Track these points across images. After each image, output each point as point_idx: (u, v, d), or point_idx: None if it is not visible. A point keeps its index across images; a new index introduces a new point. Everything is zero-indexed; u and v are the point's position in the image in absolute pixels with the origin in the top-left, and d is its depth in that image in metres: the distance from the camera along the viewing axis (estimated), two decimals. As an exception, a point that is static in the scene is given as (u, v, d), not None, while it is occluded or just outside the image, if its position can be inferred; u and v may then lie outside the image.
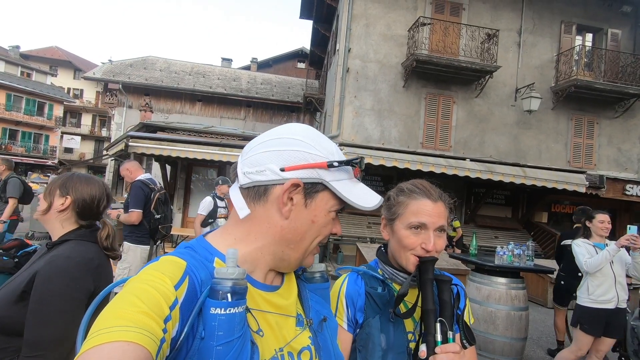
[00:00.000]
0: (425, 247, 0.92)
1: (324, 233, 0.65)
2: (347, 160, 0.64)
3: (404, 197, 0.97)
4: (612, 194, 8.69)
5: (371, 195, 0.67)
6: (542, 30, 10.56)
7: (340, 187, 0.63)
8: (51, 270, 1.14)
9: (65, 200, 1.30)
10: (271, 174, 0.61)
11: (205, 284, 0.54)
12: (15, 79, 27.54)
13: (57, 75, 32.62)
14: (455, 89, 10.11)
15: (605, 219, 3.15)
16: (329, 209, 0.64)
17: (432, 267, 0.90)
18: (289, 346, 0.62)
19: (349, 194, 0.63)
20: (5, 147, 27.45)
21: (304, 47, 22.31)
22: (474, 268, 4.12)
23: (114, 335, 0.43)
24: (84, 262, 1.21)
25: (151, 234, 3.58)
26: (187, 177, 9.81)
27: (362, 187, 0.68)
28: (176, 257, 0.56)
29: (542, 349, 4.35)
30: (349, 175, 0.66)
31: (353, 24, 9.75)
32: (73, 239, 1.28)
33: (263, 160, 0.62)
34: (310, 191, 0.62)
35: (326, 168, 0.62)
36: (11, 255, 2.12)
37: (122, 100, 18.16)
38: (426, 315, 0.84)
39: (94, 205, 1.35)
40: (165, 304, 0.48)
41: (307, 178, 0.61)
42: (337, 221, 0.68)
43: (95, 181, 1.39)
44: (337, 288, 0.98)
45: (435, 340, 0.80)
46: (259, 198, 0.62)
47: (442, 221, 0.94)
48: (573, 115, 10.59)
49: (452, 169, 7.83)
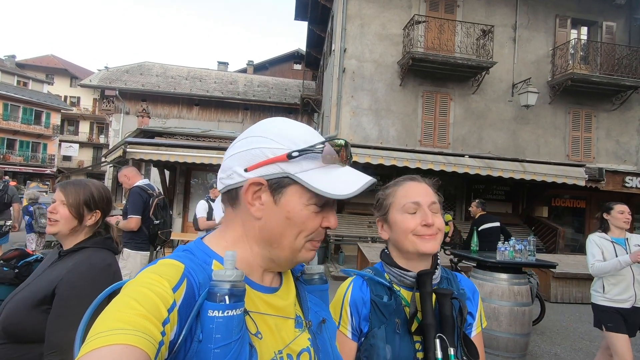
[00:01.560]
0: (426, 222, 0.90)
1: (308, 228, 0.61)
2: (307, 147, 0.58)
3: (390, 189, 0.99)
4: (612, 186, 8.70)
5: (349, 182, 0.59)
6: (537, 25, 10.58)
7: (307, 178, 0.58)
8: (75, 277, 1.19)
9: (95, 215, 1.38)
10: (237, 177, 0.60)
11: (203, 286, 0.53)
12: (11, 89, 27.54)
13: (54, 84, 32.61)
14: (452, 86, 10.12)
15: (625, 210, 2.88)
16: (306, 202, 0.59)
17: (430, 280, 0.87)
18: (288, 348, 0.62)
19: (319, 184, 0.58)
20: (4, 156, 27.43)
21: (300, 49, 22.33)
22: (475, 265, 4.11)
23: (113, 339, 0.42)
24: (105, 268, 1.27)
25: (151, 240, 3.57)
26: (186, 182, 9.80)
27: (340, 172, 0.61)
28: (174, 260, 0.56)
29: (546, 344, 4.34)
30: (318, 164, 0.60)
31: (348, 24, 9.76)
32: (90, 246, 1.32)
33: (230, 164, 0.62)
34: (277, 187, 0.59)
35: (287, 160, 0.58)
36: (12, 265, 2.11)
37: (119, 106, 18.16)
38: (426, 330, 0.82)
39: (111, 205, 1.46)
40: (163, 306, 0.48)
41: (270, 174, 0.59)
42: (330, 213, 0.63)
43: (92, 182, 1.45)
44: (342, 294, 0.94)
45: (435, 357, 0.78)
46: (234, 201, 0.63)
47: (433, 197, 0.94)
48: (570, 109, 10.60)
49: (451, 166, 7.83)
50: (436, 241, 0.91)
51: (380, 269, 1.00)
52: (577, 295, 6.35)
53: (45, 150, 30.13)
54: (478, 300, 0.99)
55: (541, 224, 9.68)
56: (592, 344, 4.43)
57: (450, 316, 0.83)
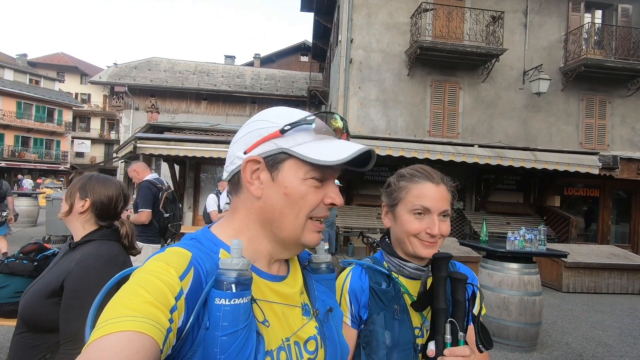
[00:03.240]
0: (431, 232, 0.89)
1: (308, 204, 0.61)
2: (299, 120, 0.60)
3: (405, 182, 0.95)
4: (627, 174, 8.49)
5: (343, 148, 0.59)
6: (549, 10, 10.28)
7: (302, 150, 0.59)
8: (83, 269, 1.21)
9: (85, 203, 1.36)
10: (238, 160, 0.63)
11: (210, 274, 0.54)
12: (24, 87, 28.03)
13: (65, 81, 33.08)
14: (461, 74, 9.94)
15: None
16: (303, 176, 0.60)
17: (446, 265, 0.86)
18: (296, 336, 0.63)
19: (313, 153, 0.58)
20: (19, 154, 28.05)
21: (307, 41, 22.15)
22: (485, 255, 4.09)
23: (121, 325, 0.43)
24: (112, 258, 1.29)
25: (161, 233, 3.64)
26: (195, 176, 9.90)
27: (335, 143, 0.61)
28: (181, 248, 0.56)
29: (557, 334, 4.31)
30: (313, 137, 0.61)
31: (354, 14, 9.62)
32: (97, 238, 1.34)
33: (233, 151, 0.65)
34: (273, 163, 0.60)
35: (280, 135, 0.59)
36: (30, 258, 2.18)
37: (128, 102, 18.35)
38: (437, 314, 0.81)
39: (112, 206, 1.40)
40: (170, 294, 0.49)
41: (266, 152, 0.60)
42: (332, 189, 0.64)
43: (112, 182, 1.44)
44: (341, 283, 0.95)
45: (444, 341, 0.78)
46: (237, 187, 0.64)
47: (445, 205, 0.91)
48: (584, 95, 10.33)
49: (460, 156, 7.73)
50: (436, 247, 0.91)
51: (380, 258, 1.00)
52: (590, 284, 6.28)
53: (58, 147, 30.70)
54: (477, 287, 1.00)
55: (553, 214, 9.53)
56: (604, 333, 4.39)
57: (463, 302, 0.83)
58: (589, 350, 3.86)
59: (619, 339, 4.23)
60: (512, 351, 3.66)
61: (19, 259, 2.20)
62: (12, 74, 27.85)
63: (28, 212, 10.70)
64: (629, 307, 5.54)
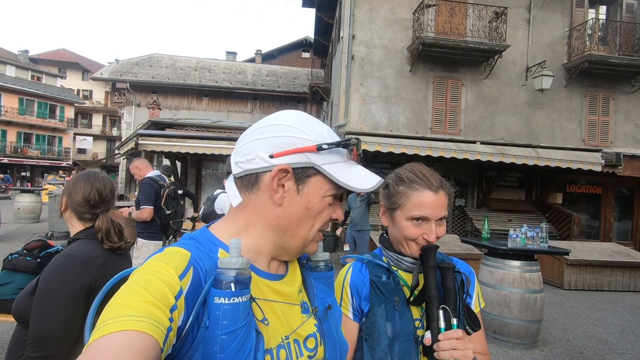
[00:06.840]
0: (427, 238, 0.92)
1: (322, 219, 0.64)
2: (337, 141, 0.62)
3: (404, 187, 0.95)
4: (630, 171, 8.45)
5: (368, 177, 0.64)
6: (553, 5, 10.19)
7: (332, 170, 0.61)
8: (52, 268, 1.19)
9: (62, 201, 1.35)
10: (261, 162, 0.61)
11: (209, 274, 0.54)
12: (26, 83, 28.07)
13: (66, 78, 33.08)
14: (464, 71, 9.89)
15: None
16: (324, 193, 0.62)
17: (434, 255, 0.90)
18: (295, 334, 0.63)
19: (343, 177, 0.61)
20: (21, 150, 28.14)
21: (308, 37, 22.05)
22: (486, 252, 4.09)
23: (122, 325, 0.43)
24: (87, 260, 1.23)
25: (163, 230, 3.65)
26: (197, 173, 9.92)
27: (358, 169, 0.66)
28: (180, 247, 0.57)
29: (558, 331, 4.32)
30: (342, 158, 0.64)
31: (356, 9, 9.57)
32: (83, 237, 1.32)
33: (253, 148, 0.62)
34: (302, 176, 0.61)
35: (315, 151, 0.60)
36: (34, 255, 2.19)
37: (130, 99, 18.35)
38: (429, 302, 0.84)
39: (88, 205, 1.33)
40: (170, 293, 0.49)
41: (296, 163, 0.60)
42: (337, 206, 0.67)
43: (90, 180, 1.36)
44: (342, 277, 0.97)
45: (438, 327, 0.81)
46: (252, 187, 0.62)
47: (443, 212, 0.93)
48: (587, 92, 10.27)
49: (462, 153, 7.71)
50: None
51: (379, 253, 1.04)
52: (592, 282, 6.27)
53: (60, 144, 30.80)
54: (475, 282, 1.03)
55: (555, 211, 9.51)
56: (605, 330, 4.39)
57: (453, 288, 0.86)
58: (590, 348, 3.87)
59: (620, 337, 4.23)
60: (513, 348, 3.66)
61: (23, 256, 2.21)
62: (14, 71, 27.90)
63: (31, 209, 10.76)
64: (631, 305, 5.53)
